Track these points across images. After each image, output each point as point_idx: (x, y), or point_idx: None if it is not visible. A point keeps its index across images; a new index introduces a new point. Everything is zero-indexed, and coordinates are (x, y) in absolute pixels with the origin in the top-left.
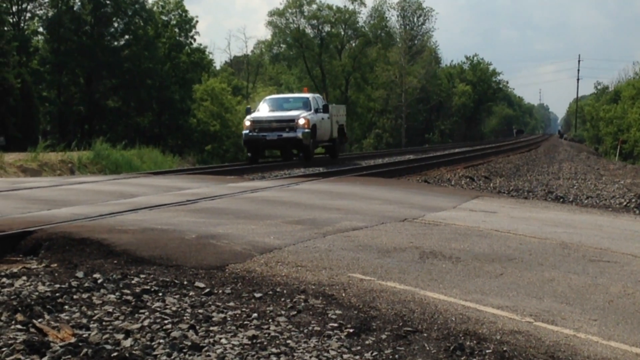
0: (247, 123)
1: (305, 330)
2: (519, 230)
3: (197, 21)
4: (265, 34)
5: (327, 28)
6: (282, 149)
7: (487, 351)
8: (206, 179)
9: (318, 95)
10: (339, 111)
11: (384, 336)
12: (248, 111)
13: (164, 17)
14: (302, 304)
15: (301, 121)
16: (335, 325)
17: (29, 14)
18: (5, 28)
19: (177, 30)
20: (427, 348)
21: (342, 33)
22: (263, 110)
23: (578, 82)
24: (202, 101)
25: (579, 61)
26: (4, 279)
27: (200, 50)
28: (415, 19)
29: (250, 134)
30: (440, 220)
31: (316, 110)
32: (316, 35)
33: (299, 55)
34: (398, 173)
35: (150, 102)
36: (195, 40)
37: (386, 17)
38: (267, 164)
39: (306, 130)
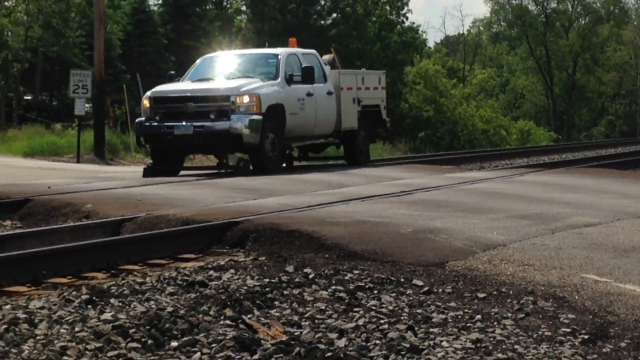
0: (145, 103)
1: (535, 335)
2: None
3: None
4: (484, 11)
5: (552, 4)
6: (205, 152)
7: None
8: (420, 168)
9: (309, 51)
10: (361, 82)
11: (623, 344)
12: (170, 79)
13: None
14: (531, 306)
15: (245, 99)
16: (568, 330)
17: None
18: (208, 7)
19: (388, 8)
20: None
21: (570, 10)
22: (188, 79)
23: None
24: (415, 84)
25: None
26: (212, 272)
27: (412, 30)
28: None
29: (147, 123)
30: None
31: (289, 79)
32: (540, 13)
33: (521, 34)
34: (634, 164)
35: None
36: (407, 18)
37: None
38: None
39: (254, 116)
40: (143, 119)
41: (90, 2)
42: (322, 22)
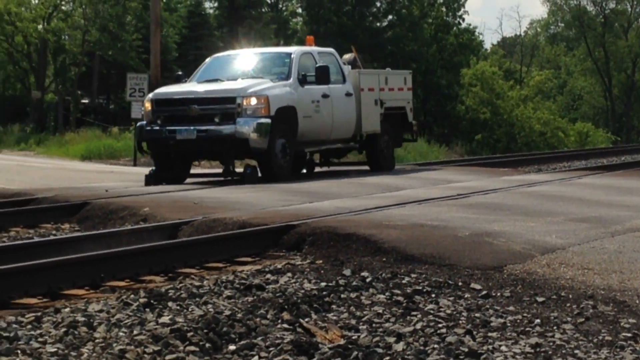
0: (147, 106)
1: (595, 340)
2: None
3: None
4: (541, 12)
5: (611, 5)
6: (210, 157)
7: None
8: (477, 171)
9: (327, 50)
10: (384, 82)
11: None
12: (177, 80)
13: None
14: (590, 310)
15: (252, 101)
16: (629, 335)
17: None
18: (263, 9)
19: (444, 9)
20: None
21: (629, 10)
22: (195, 80)
23: None
24: (471, 86)
25: None
26: (269, 275)
27: (469, 31)
28: None
29: (149, 127)
30: None
31: (303, 79)
32: (599, 13)
33: (579, 35)
34: None
35: (415, 88)
36: (463, 20)
37: None
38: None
39: (262, 120)
40: (144, 122)
41: (147, 6)
42: (378, 24)
